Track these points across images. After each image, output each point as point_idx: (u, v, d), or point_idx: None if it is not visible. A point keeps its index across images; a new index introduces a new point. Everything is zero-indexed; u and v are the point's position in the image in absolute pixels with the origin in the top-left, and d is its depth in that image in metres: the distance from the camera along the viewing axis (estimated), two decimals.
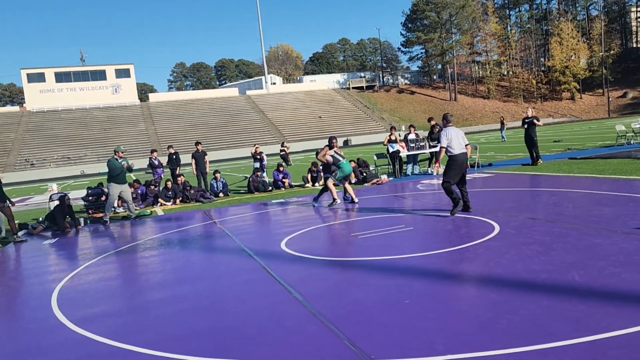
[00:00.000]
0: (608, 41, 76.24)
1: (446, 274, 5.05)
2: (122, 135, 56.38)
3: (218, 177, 15.21)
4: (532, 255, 5.34)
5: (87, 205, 13.78)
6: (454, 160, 8.24)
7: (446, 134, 8.27)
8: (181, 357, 3.64)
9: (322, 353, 3.46)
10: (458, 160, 8.20)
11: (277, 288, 5.12)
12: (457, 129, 8.45)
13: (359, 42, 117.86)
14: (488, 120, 68.58)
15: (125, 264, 7.16)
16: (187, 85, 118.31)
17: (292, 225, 8.85)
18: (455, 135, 8.27)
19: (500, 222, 7.16)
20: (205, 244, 8.06)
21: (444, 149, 8.30)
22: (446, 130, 8.34)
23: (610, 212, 7.14)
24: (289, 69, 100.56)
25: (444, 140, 8.23)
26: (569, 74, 73.46)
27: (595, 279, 4.40)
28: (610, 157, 14.64)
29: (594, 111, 72.21)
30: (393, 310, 4.14)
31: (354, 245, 6.79)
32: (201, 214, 11.70)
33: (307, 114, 66.02)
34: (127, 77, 66.68)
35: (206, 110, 65.03)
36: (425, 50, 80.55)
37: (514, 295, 4.21)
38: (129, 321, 4.64)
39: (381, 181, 14.49)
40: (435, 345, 3.39)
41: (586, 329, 3.39)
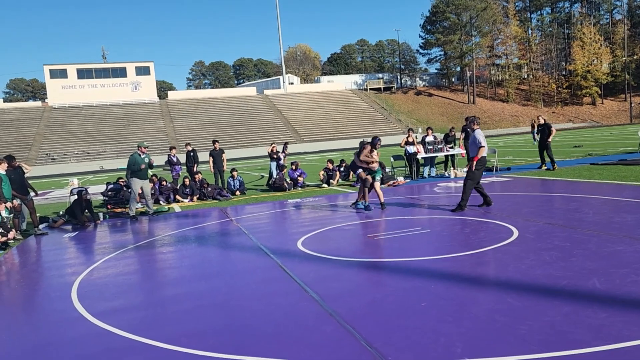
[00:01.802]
0: (631, 46, 74.97)
1: (464, 277, 5.01)
2: (140, 132, 57.03)
3: (235, 176, 15.30)
4: (551, 261, 5.28)
5: (106, 200, 13.97)
6: (483, 162, 8.83)
7: (482, 135, 8.80)
8: (199, 353, 3.67)
9: (338, 353, 3.46)
10: (484, 161, 8.89)
11: (294, 287, 5.14)
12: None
13: (377, 43, 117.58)
14: (507, 124, 67.90)
15: (143, 259, 7.25)
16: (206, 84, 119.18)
17: (309, 224, 8.87)
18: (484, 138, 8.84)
19: (519, 227, 7.09)
20: (222, 241, 8.11)
21: (484, 149, 8.72)
22: (480, 132, 8.88)
23: (633, 219, 7.02)
24: (306, 69, 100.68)
25: (484, 140, 8.72)
26: (591, 79, 72.41)
27: (617, 287, 4.33)
28: (633, 163, 14.39)
29: (616, 117, 71.06)
30: (410, 313, 4.13)
31: (371, 246, 6.77)
32: (218, 211, 11.78)
33: (323, 114, 66.05)
34: (147, 74, 67.46)
35: (224, 108, 65.45)
36: (444, 52, 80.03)
37: (534, 301, 4.16)
38: (147, 316, 4.69)
39: (397, 183, 14.45)
40: (453, 348, 3.37)
41: (607, 337, 3.34)
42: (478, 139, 8.72)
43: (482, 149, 8.67)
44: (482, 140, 8.67)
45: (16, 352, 4.04)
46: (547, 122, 15.16)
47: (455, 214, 8.62)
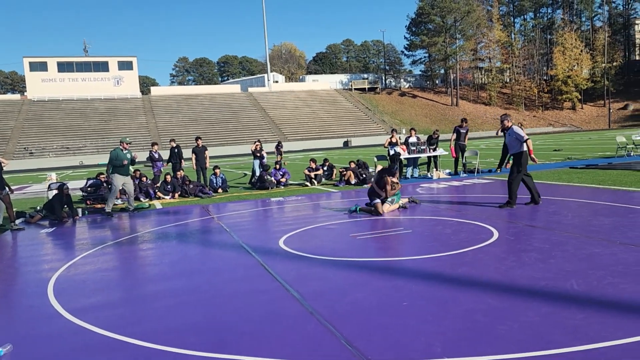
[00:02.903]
0: (611, 52, 76.40)
1: (445, 277, 5.04)
2: (122, 127, 56.33)
3: (217, 173, 15.19)
4: (530, 262, 5.34)
5: (85, 195, 13.76)
6: (525, 157, 8.85)
7: (520, 129, 8.97)
8: (178, 351, 3.63)
9: (318, 352, 3.45)
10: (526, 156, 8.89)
11: (275, 285, 5.11)
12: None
13: (363, 43, 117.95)
14: (489, 126, 68.63)
15: (122, 256, 7.15)
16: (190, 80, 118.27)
17: (291, 223, 8.84)
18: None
19: (499, 228, 7.16)
20: (203, 238, 8.05)
21: (530, 140, 8.85)
22: (517, 127, 9.06)
23: (610, 222, 7.14)
24: (291, 68, 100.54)
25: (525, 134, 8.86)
26: (571, 84, 73.62)
27: (594, 289, 4.40)
28: (610, 168, 14.67)
29: (595, 122, 72.34)
30: (391, 312, 4.14)
31: (353, 246, 6.78)
32: (199, 209, 11.69)
33: (308, 113, 66.01)
34: (130, 69, 66.66)
35: (208, 105, 65.00)
36: (428, 54, 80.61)
37: (513, 302, 4.21)
38: (125, 313, 4.62)
39: None
40: (433, 348, 3.39)
41: (584, 338, 3.38)
42: (520, 134, 8.81)
43: (529, 142, 8.79)
44: (523, 134, 8.81)
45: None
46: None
47: (441, 217, 8.67)
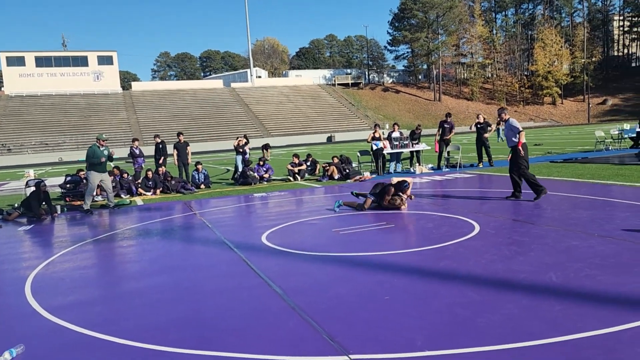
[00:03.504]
0: (590, 48, 77.52)
1: (427, 271, 5.07)
2: (102, 123, 55.56)
3: (200, 169, 15.08)
4: (511, 256, 5.40)
5: (64, 192, 13.55)
6: (526, 148, 8.92)
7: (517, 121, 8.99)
8: (159, 348, 3.59)
9: (300, 347, 3.44)
10: (526, 147, 8.95)
11: (257, 281, 5.09)
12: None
13: (346, 39, 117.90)
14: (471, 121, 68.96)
15: (102, 253, 7.06)
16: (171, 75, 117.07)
17: (274, 219, 8.81)
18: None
19: (480, 222, 7.23)
20: (185, 235, 7.98)
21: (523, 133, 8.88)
22: (514, 119, 9.05)
23: (588, 215, 7.26)
24: (274, 63, 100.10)
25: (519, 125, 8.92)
26: (551, 79, 74.56)
27: (572, 280, 4.46)
28: (589, 162, 14.91)
29: (574, 117, 73.40)
30: (373, 306, 4.15)
31: (335, 241, 6.78)
32: (181, 205, 11.59)
33: (291, 108, 65.84)
34: (110, 64, 65.68)
35: (190, 101, 64.42)
36: (411, 49, 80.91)
37: (493, 295, 4.25)
38: (105, 310, 4.56)
39: (364, 178, 14.52)
40: (414, 341, 3.40)
41: (562, 329, 3.43)
42: (515, 126, 8.89)
43: (522, 134, 8.82)
44: (519, 126, 8.88)
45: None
46: (486, 121, 15.85)
47: (423, 211, 8.71)
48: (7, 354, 3.51)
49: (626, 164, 13.76)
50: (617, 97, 74.08)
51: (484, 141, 15.73)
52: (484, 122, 15.76)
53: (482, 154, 15.95)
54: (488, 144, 15.85)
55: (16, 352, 3.56)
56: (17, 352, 3.57)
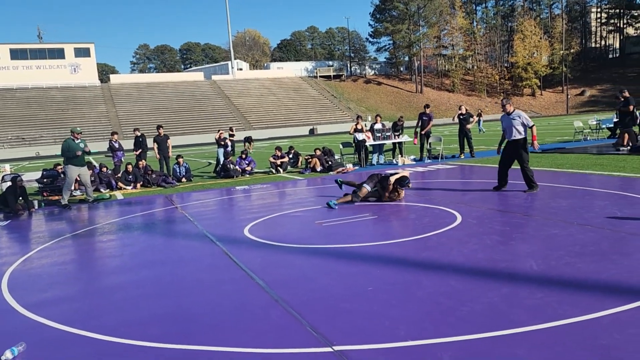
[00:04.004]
0: (568, 40, 78.44)
1: (409, 262, 5.09)
2: (81, 116, 54.60)
3: (181, 162, 14.91)
4: (492, 245, 5.44)
5: (42, 187, 13.30)
6: (526, 141, 8.66)
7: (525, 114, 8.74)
8: (140, 343, 3.54)
9: (284, 340, 3.42)
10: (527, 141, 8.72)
11: (240, 274, 5.05)
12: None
13: (328, 30, 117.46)
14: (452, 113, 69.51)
15: (81, 248, 6.94)
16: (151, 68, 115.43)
17: (256, 211, 8.76)
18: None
19: (462, 212, 7.27)
20: (166, 228, 7.89)
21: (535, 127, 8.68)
22: (522, 112, 8.75)
23: (567, 204, 7.35)
24: (256, 55, 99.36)
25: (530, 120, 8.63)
26: (531, 71, 75.30)
27: (552, 268, 4.52)
28: (568, 152, 15.12)
29: (554, 107, 74.36)
30: (356, 298, 4.15)
31: (318, 233, 6.77)
32: (163, 198, 11.46)
33: (273, 101, 65.49)
34: (87, 56, 64.44)
35: (170, 94, 63.63)
36: (392, 41, 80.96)
37: (475, 284, 4.28)
38: (84, 306, 4.48)
39: (346, 170, 14.53)
40: (397, 331, 3.41)
41: (543, 316, 3.46)
42: (527, 119, 8.57)
43: (534, 128, 8.66)
44: (529, 120, 8.60)
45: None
46: (468, 112, 15.99)
47: (406, 202, 8.74)
48: (9, 352, 3.43)
49: (604, 153, 13.99)
50: (595, 88, 75.20)
51: (467, 132, 15.84)
52: (467, 113, 15.87)
53: (464, 145, 16.07)
54: (470, 135, 15.97)
55: (17, 351, 3.48)
56: (19, 350, 3.49)
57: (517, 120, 8.58)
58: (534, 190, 8.58)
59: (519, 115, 8.61)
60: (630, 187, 8.43)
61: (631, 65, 77.10)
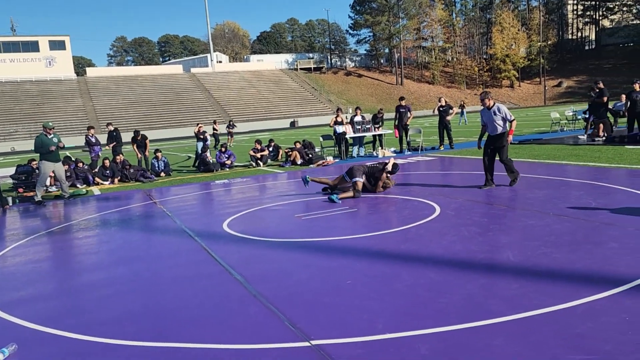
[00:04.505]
0: (546, 32, 79.37)
1: (388, 254, 5.10)
2: (56, 110, 53.53)
3: (159, 157, 14.72)
4: (470, 236, 5.48)
5: (16, 183, 13.01)
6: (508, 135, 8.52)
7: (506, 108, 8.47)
8: (116, 342, 3.48)
9: (262, 335, 3.40)
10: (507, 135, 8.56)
11: (218, 269, 5.01)
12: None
13: (308, 22, 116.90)
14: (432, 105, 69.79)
15: (56, 245, 6.81)
16: (128, 61, 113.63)
17: (235, 206, 8.70)
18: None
19: (441, 204, 7.32)
20: (144, 224, 7.78)
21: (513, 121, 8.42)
22: (502, 106, 8.49)
23: (544, 195, 7.45)
24: (235, 48, 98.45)
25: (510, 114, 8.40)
26: (509, 63, 76.05)
27: (528, 259, 4.57)
28: (545, 143, 15.32)
29: (531, 99, 75.30)
30: (335, 291, 4.14)
31: (298, 227, 6.74)
32: (141, 193, 11.31)
33: (253, 94, 65.06)
34: (63, 49, 63.07)
35: (148, 87, 62.74)
36: (373, 33, 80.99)
37: (453, 275, 4.30)
38: (58, 305, 4.40)
39: (327, 163, 14.51)
40: (375, 324, 3.41)
41: (519, 307, 3.50)
42: (507, 114, 8.35)
43: (514, 122, 8.40)
44: (509, 115, 8.37)
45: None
46: (448, 104, 16.10)
47: (385, 195, 8.75)
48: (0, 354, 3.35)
49: (579, 144, 14.21)
50: (572, 79, 76.30)
51: (446, 124, 15.91)
52: (446, 105, 15.94)
53: (444, 136, 16.16)
54: (450, 127, 16.05)
55: (8, 352, 3.39)
56: (10, 351, 3.40)
57: (497, 115, 8.38)
58: (516, 178, 8.43)
59: (499, 109, 8.40)
60: (605, 177, 8.58)
61: (606, 57, 78.40)
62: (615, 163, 10.10)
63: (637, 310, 3.31)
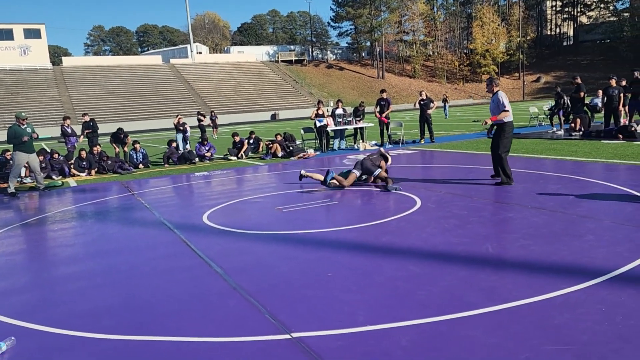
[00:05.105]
0: (525, 27, 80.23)
1: (369, 247, 5.10)
2: (31, 100, 52.34)
3: (138, 148, 14.50)
4: (450, 229, 5.51)
5: None
6: (510, 127, 7.94)
7: (506, 98, 7.85)
8: (92, 335, 3.41)
9: (242, 327, 3.37)
10: (511, 126, 7.98)
11: (197, 262, 4.95)
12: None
13: (289, 14, 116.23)
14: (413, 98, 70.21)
15: (30, 238, 6.65)
16: (106, 50, 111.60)
17: (216, 198, 8.61)
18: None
19: (421, 197, 7.35)
20: (122, 216, 7.65)
21: (508, 113, 7.75)
22: (503, 94, 7.91)
23: (522, 188, 7.54)
24: (215, 39, 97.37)
25: (508, 104, 7.76)
26: (489, 57, 76.79)
27: (507, 251, 4.61)
28: (523, 137, 15.52)
29: (511, 94, 76.05)
30: (315, 284, 4.12)
31: (278, 219, 6.70)
32: (119, 185, 11.12)
33: (234, 85, 64.51)
34: (38, 37, 61.54)
35: (126, 77, 61.72)
36: (354, 26, 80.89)
37: (433, 267, 4.32)
38: (33, 298, 4.29)
39: (307, 155, 14.47)
40: (356, 316, 3.40)
41: (498, 298, 3.53)
42: (502, 102, 7.76)
43: (505, 113, 7.73)
44: (506, 104, 7.74)
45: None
46: (429, 97, 16.19)
47: (366, 187, 8.75)
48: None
49: (557, 138, 14.42)
50: (550, 74, 77.35)
51: (427, 117, 15.99)
52: (427, 99, 16.02)
53: (425, 130, 16.24)
54: (431, 121, 16.14)
55: (6, 345, 3.28)
56: (8, 345, 3.29)
57: (493, 104, 7.99)
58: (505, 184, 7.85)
59: (498, 97, 7.89)
60: (582, 171, 8.72)
61: (584, 53, 79.64)
62: (592, 157, 10.28)
63: (612, 301, 3.37)
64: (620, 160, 9.66)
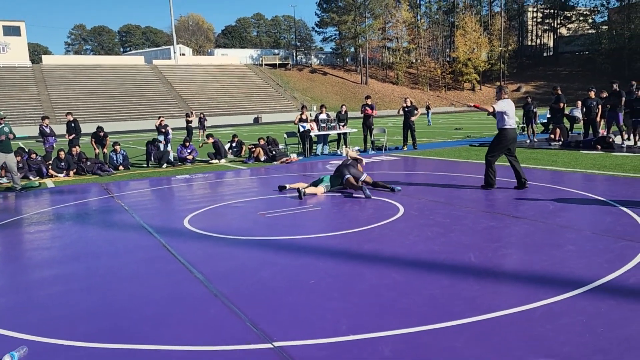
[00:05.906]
0: (507, 37, 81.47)
1: (352, 254, 5.07)
2: (9, 99, 51.30)
3: (118, 149, 14.28)
4: (433, 237, 5.52)
5: None
6: (505, 135, 7.99)
7: (504, 103, 7.96)
8: (67, 343, 3.31)
9: (222, 335, 3.31)
10: (509, 135, 8.02)
11: (178, 267, 4.86)
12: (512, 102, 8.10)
13: (274, 18, 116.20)
14: (396, 105, 70.68)
15: (5, 240, 6.48)
16: (87, 50, 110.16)
17: (197, 202, 8.52)
18: (511, 109, 7.97)
19: (404, 204, 7.36)
20: (101, 219, 7.51)
21: (492, 109, 7.92)
22: (505, 101, 8.04)
23: (504, 197, 7.60)
24: (199, 41, 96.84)
25: (500, 106, 7.90)
26: (471, 66, 77.71)
27: (489, 260, 4.63)
28: None
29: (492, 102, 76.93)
30: (298, 291, 4.08)
31: (260, 224, 6.65)
32: (98, 187, 10.93)
33: (217, 88, 64.14)
34: (17, 35, 60.39)
35: (108, 77, 60.91)
36: (339, 32, 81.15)
37: (415, 276, 4.31)
38: (6, 303, 4.16)
39: (290, 160, 14.42)
40: (339, 325, 3.37)
41: (480, 308, 3.53)
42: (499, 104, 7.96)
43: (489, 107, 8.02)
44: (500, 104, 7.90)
45: None
46: (413, 104, 16.31)
47: (349, 192, 8.74)
48: (8, 357, 3.09)
49: (537, 148, 14.62)
50: (530, 84, 78.54)
51: (411, 124, 16.08)
52: (411, 106, 16.11)
53: (408, 137, 16.33)
54: (414, 128, 16.23)
55: (18, 356, 3.14)
56: (19, 356, 3.15)
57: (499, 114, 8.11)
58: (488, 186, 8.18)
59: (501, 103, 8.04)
60: (562, 181, 8.84)
61: (564, 64, 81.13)
62: (572, 167, 10.43)
63: (593, 312, 3.40)
64: (599, 170, 9.82)
